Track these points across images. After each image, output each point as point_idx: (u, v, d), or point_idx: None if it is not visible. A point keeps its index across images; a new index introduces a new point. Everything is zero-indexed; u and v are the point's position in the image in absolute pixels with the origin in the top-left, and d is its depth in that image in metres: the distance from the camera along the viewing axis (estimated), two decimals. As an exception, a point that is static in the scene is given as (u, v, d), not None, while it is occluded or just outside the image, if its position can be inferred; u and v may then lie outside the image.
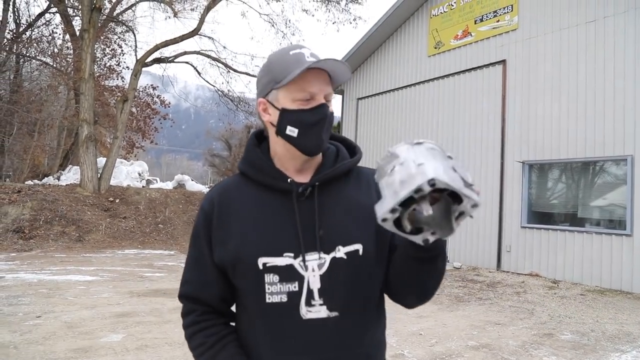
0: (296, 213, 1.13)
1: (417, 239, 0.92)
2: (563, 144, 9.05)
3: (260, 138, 1.27)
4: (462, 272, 9.73)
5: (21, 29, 20.43)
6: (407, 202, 0.86)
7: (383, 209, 0.88)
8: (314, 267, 1.10)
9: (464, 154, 11.02)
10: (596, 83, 8.60)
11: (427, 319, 5.93)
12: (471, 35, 11.13)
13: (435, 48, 12.01)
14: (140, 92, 21.59)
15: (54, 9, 19.61)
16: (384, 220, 0.89)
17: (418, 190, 0.83)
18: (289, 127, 1.12)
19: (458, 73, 11.37)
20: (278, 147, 1.18)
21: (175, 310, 5.84)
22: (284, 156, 1.18)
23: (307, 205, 1.14)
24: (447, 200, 0.88)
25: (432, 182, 0.82)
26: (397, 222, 0.90)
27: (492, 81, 10.52)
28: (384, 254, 1.18)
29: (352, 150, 1.28)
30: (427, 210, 0.86)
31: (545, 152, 9.37)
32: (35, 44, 19.98)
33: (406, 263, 1.09)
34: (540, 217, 9.63)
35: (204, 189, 21.12)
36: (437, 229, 0.90)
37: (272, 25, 18.74)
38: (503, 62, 10.30)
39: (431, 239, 0.92)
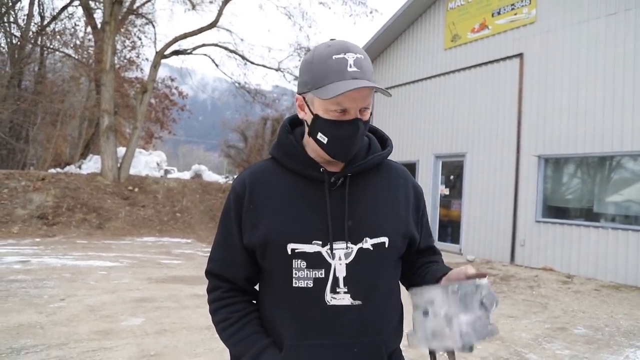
0: (327, 202, 1.15)
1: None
2: (580, 138, 8.97)
3: (293, 124, 1.29)
4: (475, 265, 9.74)
5: (45, 22, 20.82)
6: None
7: (414, 343, 1.06)
8: (340, 255, 1.13)
9: (479, 147, 10.99)
10: (615, 77, 8.49)
11: (439, 310, 5.99)
12: (488, 28, 11.04)
13: (452, 41, 11.94)
14: (159, 84, 21.84)
15: (76, 2, 19.92)
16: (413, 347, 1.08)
17: (448, 351, 1.04)
18: (319, 134, 1.15)
19: (475, 66, 11.29)
20: (311, 141, 1.20)
21: (193, 297, 6.00)
22: (316, 149, 1.20)
23: (338, 195, 1.17)
24: None
25: (467, 349, 1.01)
26: None
27: (509, 75, 10.43)
28: (404, 246, 1.23)
29: (383, 141, 1.31)
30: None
31: (561, 146, 9.30)
32: (58, 37, 20.37)
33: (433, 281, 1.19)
34: (555, 211, 9.57)
35: (221, 179, 21.34)
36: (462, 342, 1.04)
37: (289, 18, 18.79)
38: (520, 55, 10.20)
39: (474, 343, 1.04)
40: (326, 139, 1.14)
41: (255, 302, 1.29)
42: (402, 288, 1.33)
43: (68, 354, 3.83)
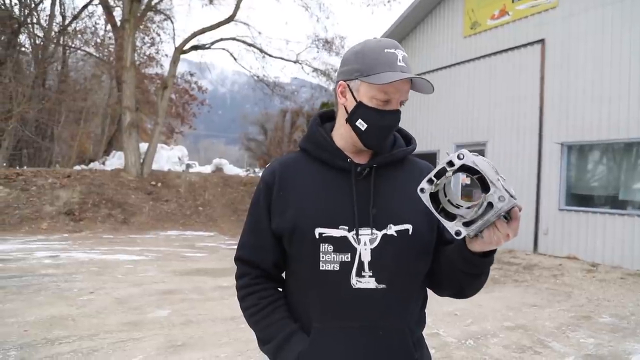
0: (353, 190, 1.21)
1: (450, 225, 1.01)
2: (604, 124, 8.78)
3: (323, 119, 1.37)
4: (497, 255, 9.66)
5: (67, 22, 21.21)
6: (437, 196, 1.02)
7: (423, 180, 1.02)
8: (366, 241, 1.18)
9: (500, 135, 10.86)
10: (641, 61, 8.29)
11: (462, 300, 5.97)
12: (508, 14, 10.84)
13: (472, 28, 11.77)
14: (179, 79, 22.04)
15: (96, 1, 20.23)
16: (422, 190, 1.02)
17: (450, 163, 0.96)
18: (359, 120, 1.21)
19: (495, 54, 11.12)
20: (344, 129, 1.26)
21: (217, 289, 6.11)
22: (348, 138, 1.26)
23: (363, 184, 1.22)
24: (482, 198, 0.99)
25: (460, 155, 0.95)
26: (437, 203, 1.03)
27: (531, 61, 10.25)
28: (432, 237, 1.26)
29: (408, 140, 1.37)
30: (448, 175, 0.99)
31: (585, 133, 9.12)
32: (79, 35, 20.75)
33: (452, 271, 1.18)
34: (579, 199, 9.42)
35: (242, 172, 21.53)
36: (465, 218, 1.00)
37: (306, 9, 18.74)
38: (542, 41, 10.00)
39: (462, 231, 1.00)
40: (365, 125, 1.20)
41: (281, 289, 1.33)
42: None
43: (99, 344, 3.97)
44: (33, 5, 19.75)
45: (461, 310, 5.49)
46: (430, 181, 1.00)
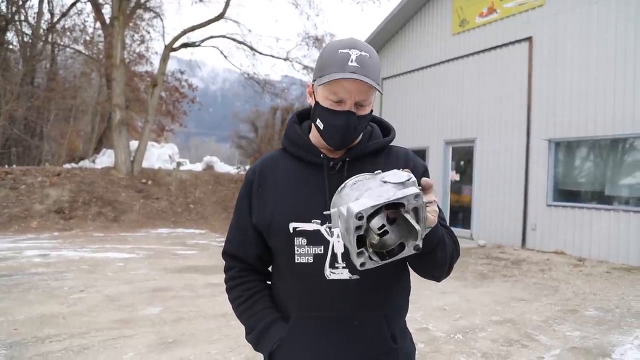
0: (326, 184, 1.25)
1: (408, 252, 0.98)
2: (591, 121, 8.90)
3: (301, 117, 1.41)
4: (486, 250, 9.77)
5: (55, 19, 21.00)
6: (363, 240, 0.95)
7: (353, 260, 0.96)
8: (339, 233, 1.21)
9: (489, 132, 10.95)
10: (626, 58, 8.39)
11: (451, 295, 6.06)
12: (496, 12, 10.92)
13: (460, 26, 11.85)
14: (169, 77, 21.93)
15: (85, -2, 20.04)
16: (362, 265, 0.96)
17: (357, 228, 0.91)
18: (318, 120, 1.25)
19: (483, 51, 11.20)
20: (314, 128, 1.31)
21: (208, 286, 6.13)
22: (317, 136, 1.29)
23: (337, 178, 1.24)
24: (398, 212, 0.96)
25: (359, 215, 0.90)
26: (381, 254, 0.99)
27: (518, 59, 10.34)
28: None
29: (387, 131, 1.39)
30: (374, 229, 0.94)
31: (572, 129, 9.24)
32: (68, 33, 20.55)
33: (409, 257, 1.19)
34: (566, 195, 9.54)
35: (232, 170, 21.49)
36: (409, 237, 0.98)
37: (296, 7, 18.72)
38: (529, 39, 10.10)
39: (419, 244, 0.97)
40: (322, 125, 1.24)
41: (268, 282, 1.39)
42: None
43: (90, 342, 3.98)
44: (21, 2, 19.54)
45: (450, 305, 5.56)
46: (360, 254, 0.95)
